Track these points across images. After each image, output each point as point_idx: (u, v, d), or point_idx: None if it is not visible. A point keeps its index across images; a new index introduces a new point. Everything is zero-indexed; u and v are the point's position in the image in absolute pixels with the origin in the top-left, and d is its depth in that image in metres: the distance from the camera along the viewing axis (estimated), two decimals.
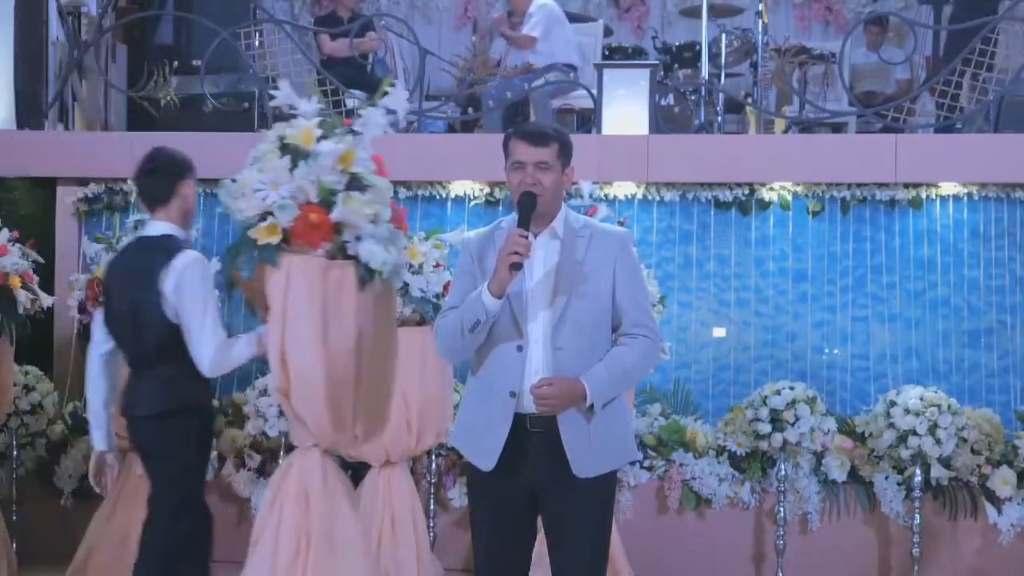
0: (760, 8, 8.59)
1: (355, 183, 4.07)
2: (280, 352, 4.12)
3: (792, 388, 5.97)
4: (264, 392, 6.17)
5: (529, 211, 3.71)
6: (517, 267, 3.63)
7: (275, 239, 4.05)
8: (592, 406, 3.71)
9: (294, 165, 4.03)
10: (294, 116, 4.11)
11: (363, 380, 4.18)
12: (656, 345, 3.85)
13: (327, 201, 4.05)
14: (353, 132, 4.10)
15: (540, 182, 3.74)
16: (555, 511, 3.78)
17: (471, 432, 3.85)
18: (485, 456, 3.76)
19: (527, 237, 3.66)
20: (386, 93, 4.12)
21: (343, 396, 4.16)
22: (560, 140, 3.81)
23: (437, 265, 5.84)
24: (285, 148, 4.09)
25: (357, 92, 8.03)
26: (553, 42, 8.75)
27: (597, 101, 7.12)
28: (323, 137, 4.08)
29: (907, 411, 5.88)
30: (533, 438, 3.72)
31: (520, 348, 3.74)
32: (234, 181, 4.12)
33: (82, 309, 6.04)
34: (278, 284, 4.08)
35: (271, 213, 4.03)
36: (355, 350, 4.13)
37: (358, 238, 4.07)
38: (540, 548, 3.96)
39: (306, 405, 4.16)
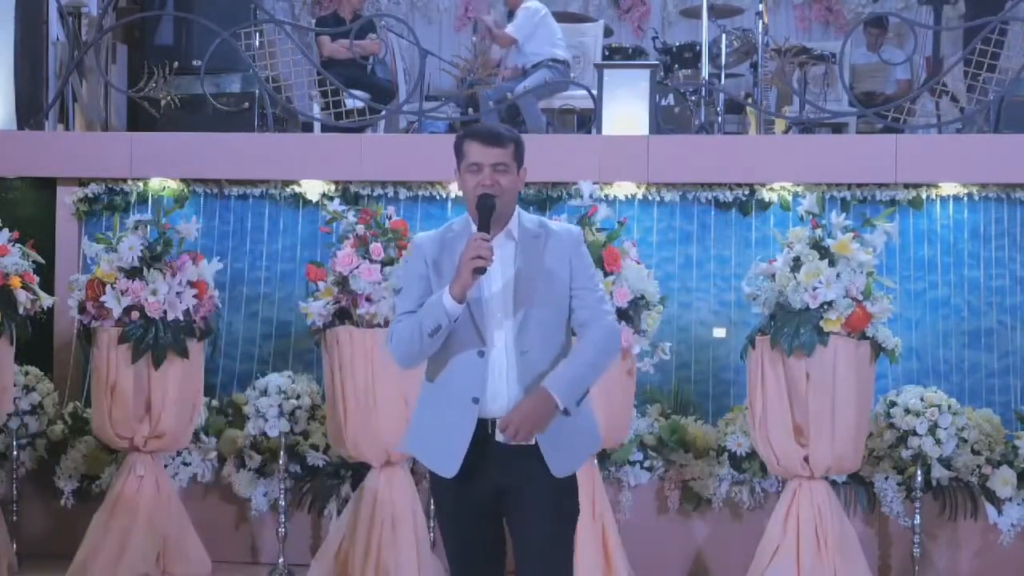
0: (760, 8, 8.60)
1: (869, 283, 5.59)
2: (831, 409, 5.55)
3: None
4: (264, 392, 6.16)
5: (489, 213, 3.67)
6: (481, 271, 3.59)
7: (837, 328, 5.50)
8: (567, 410, 3.67)
9: (831, 264, 5.50)
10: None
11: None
12: (612, 324, 3.82)
13: (868, 296, 5.53)
14: (862, 242, 5.57)
15: (498, 183, 3.70)
16: (521, 512, 3.75)
17: (429, 439, 3.80)
18: (446, 463, 3.71)
19: (489, 240, 3.61)
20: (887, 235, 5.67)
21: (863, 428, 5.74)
22: (515, 140, 3.78)
23: None
24: (821, 251, 5.54)
25: (358, 92, 8.04)
26: (538, 41, 8.78)
27: (597, 101, 7.12)
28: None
29: (907, 411, 5.88)
30: (496, 442, 3.68)
31: (481, 353, 3.70)
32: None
33: (82, 309, 6.04)
34: (827, 358, 5.52)
35: (828, 305, 5.47)
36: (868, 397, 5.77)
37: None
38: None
39: (845, 442, 5.61)
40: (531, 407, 3.63)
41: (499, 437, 3.65)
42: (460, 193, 6.71)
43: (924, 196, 6.65)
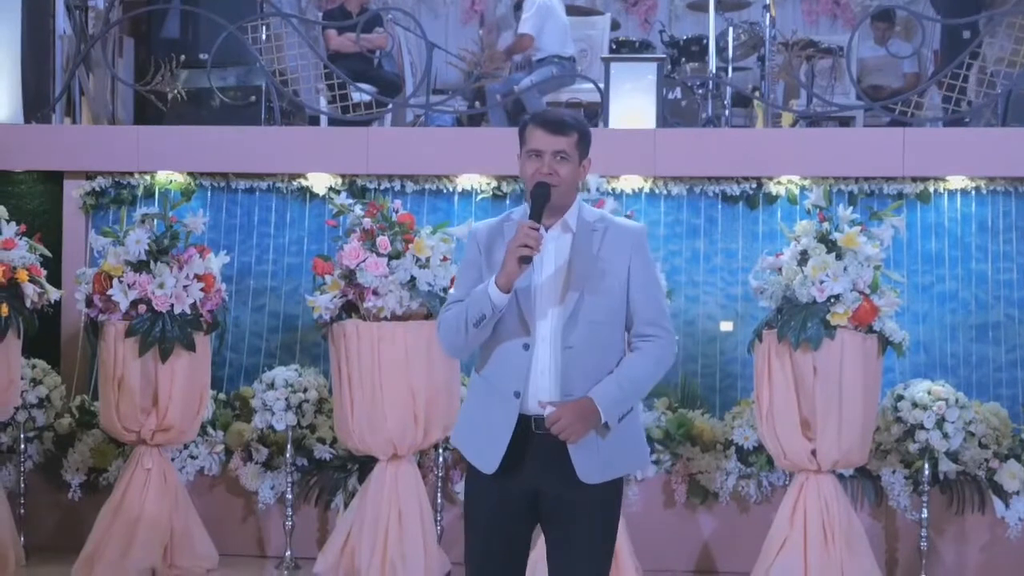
0: (768, 2, 8.58)
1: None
2: (838, 403, 5.53)
3: None
4: (271, 386, 6.17)
5: (543, 202, 3.58)
6: (526, 261, 3.51)
7: (843, 322, 5.48)
8: (606, 423, 3.61)
9: (838, 257, 5.50)
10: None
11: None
12: (670, 345, 3.74)
13: (874, 289, 5.53)
14: (869, 235, 5.59)
15: (556, 172, 3.61)
16: (558, 517, 3.67)
17: (473, 432, 3.72)
18: (487, 458, 3.64)
19: (538, 229, 3.53)
20: None
21: (870, 422, 5.72)
22: (579, 129, 3.68)
23: (444, 259, 5.85)
24: (828, 245, 5.54)
25: (364, 86, 8.03)
26: (547, 37, 8.78)
27: (604, 95, 7.11)
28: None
29: (915, 405, 5.88)
30: (537, 440, 3.60)
31: (527, 347, 3.61)
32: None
33: (89, 303, 6.05)
34: (834, 351, 5.51)
35: (834, 298, 5.47)
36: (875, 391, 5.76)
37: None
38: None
39: (852, 436, 5.59)
40: (577, 409, 3.57)
41: (545, 413, 3.58)
42: (476, 185, 6.81)
43: (931, 190, 6.64)
